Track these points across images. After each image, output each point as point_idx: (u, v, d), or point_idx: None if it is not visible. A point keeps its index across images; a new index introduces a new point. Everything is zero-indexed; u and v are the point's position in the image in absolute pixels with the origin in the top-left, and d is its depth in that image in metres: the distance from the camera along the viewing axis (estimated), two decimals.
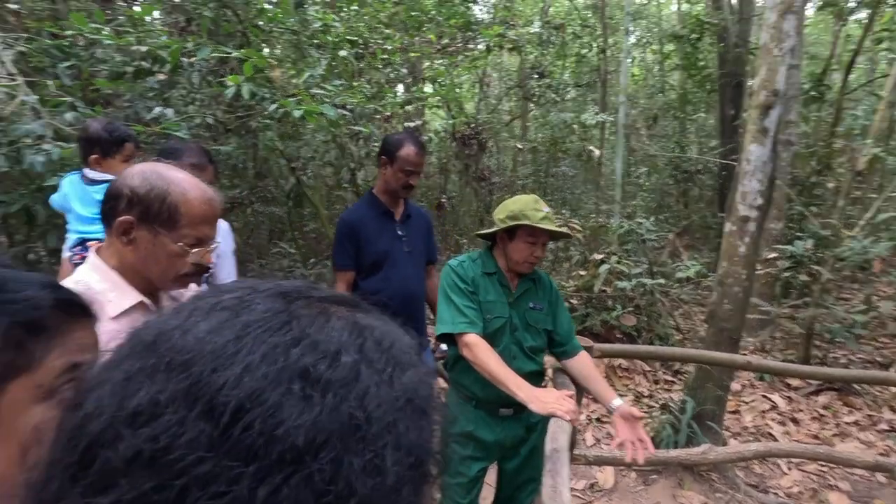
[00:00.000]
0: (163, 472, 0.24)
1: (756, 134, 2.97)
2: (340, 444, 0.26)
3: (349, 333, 0.31)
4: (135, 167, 1.06)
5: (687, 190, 9.49)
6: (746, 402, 4.17)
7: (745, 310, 3.16)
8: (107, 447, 0.25)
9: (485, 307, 1.89)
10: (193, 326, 0.29)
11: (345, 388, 0.28)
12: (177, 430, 0.25)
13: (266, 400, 0.26)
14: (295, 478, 0.24)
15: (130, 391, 0.26)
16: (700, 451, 2.37)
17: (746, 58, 8.04)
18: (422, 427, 0.31)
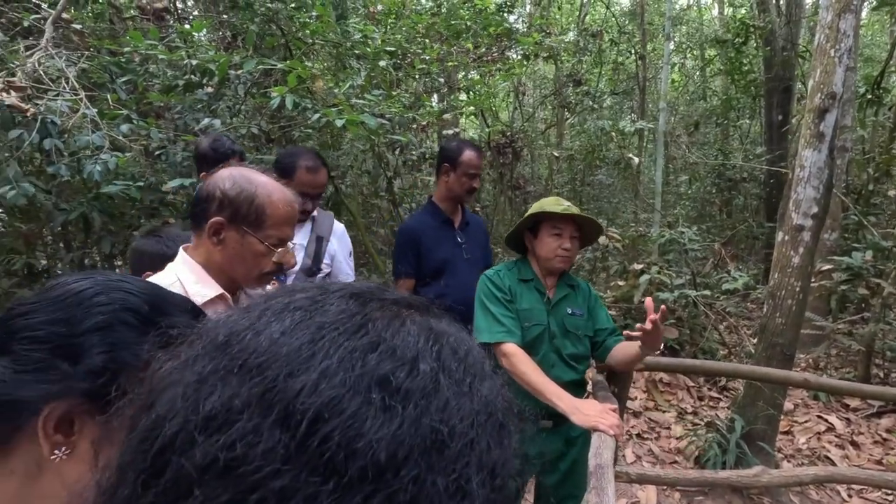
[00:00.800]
0: (238, 483, 0.22)
1: (811, 139, 2.82)
2: (423, 460, 0.24)
3: (425, 340, 0.29)
4: (223, 171, 1.12)
5: (731, 199, 9.13)
6: (800, 422, 3.93)
7: (798, 324, 2.99)
8: (180, 453, 0.24)
9: (522, 315, 1.84)
10: (266, 327, 0.28)
11: (425, 399, 0.26)
12: (252, 439, 0.23)
13: (345, 409, 0.24)
14: (377, 497, 0.23)
15: (203, 394, 0.25)
16: (753, 473, 2.23)
17: (795, 61, 7.71)
18: (503, 444, 0.29)
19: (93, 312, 0.53)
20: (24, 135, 2.26)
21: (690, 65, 12.02)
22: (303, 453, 0.23)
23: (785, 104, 8.07)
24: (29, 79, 2.54)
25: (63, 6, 2.81)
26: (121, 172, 2.60)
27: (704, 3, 14.14)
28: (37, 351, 0.50)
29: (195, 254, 1.11)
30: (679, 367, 2.75)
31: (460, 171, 2.29)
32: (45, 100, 2.39)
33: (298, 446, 0.23)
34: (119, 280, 0.57)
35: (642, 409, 3.96)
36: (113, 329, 0.53)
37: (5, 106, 2.25)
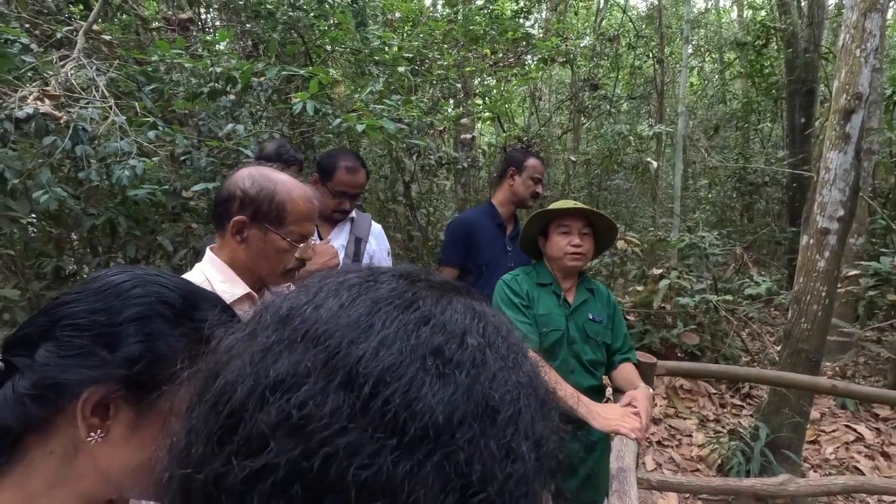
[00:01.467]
0: (308, 439, 0.24)
1: (836, 140, 2.77)
2: (477, 425, 0.25)
3: (471, 317, 0.30)
4: (242, 171, 1.14)
5: (752, 203, 8.97)
6: (827, 431, 3.82)
7: (825, 330, 2.92)
8: (253, 412, 0.25)
9: (540, 320, 1.82)
10: (324, 302, 0.29)
11: (475, 369, 0.27)
12: (319, 399, 0.25)
13: (403, 375, 0.25)
14: (436, 455, 0.24)
15: (270, 360, 0.27)
16: (778, 482, 2.17)
17: (818, 63, 7.57)
18: (546, 418, 0.30)
19: (130, 304, 0.55)
20: (58, 141, 2.34)
21: (709, 68, 11.89)
22: (366, 413, 0.24)
23: (808, 107, 7.92)
24: (62, 88, 2.63)
25: (95, 17, 2.91)
26: (147, 178, 2.67)
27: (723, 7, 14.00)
28: (78, 338, 0.53)
29: (221, 253, 1.13)
30: (701, 372, 2.70)
31: (526, 174, 2.40)
32: (77, 108, 2.48)
33: (363, 407, 0.24)
34: (156, 275, 0.60)
35: (662, 416, 3.90)
36: (149, 320, 0.55)
37: (40, 114, 2.34)
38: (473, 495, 0.24)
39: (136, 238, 3.12)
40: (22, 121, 2.30)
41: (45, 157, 2.51)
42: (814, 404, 4.17)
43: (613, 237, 2.02)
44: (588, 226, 1.85)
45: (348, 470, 0.23)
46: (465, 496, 0.24)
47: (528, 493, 0.26)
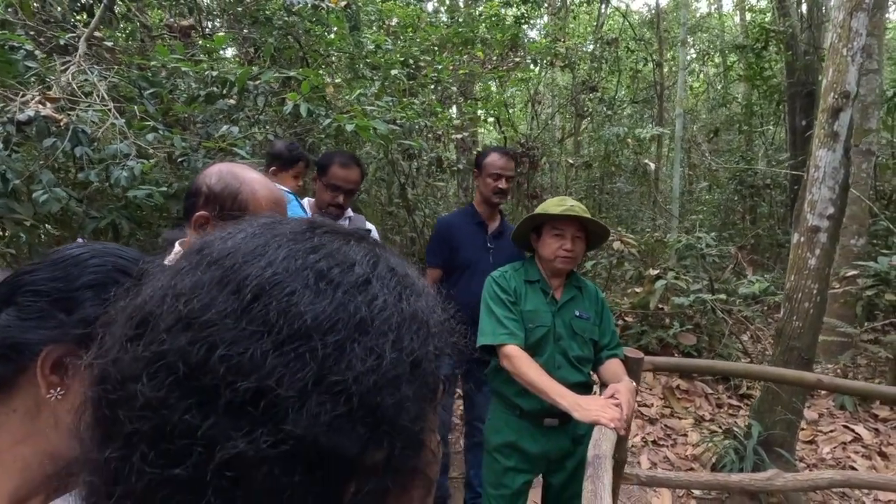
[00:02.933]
0: (197, 332, 0.28)
1: (825, 138, 2.79)
2: (345, 332, 0.29)
3: (365, 254, 0.35)
4: (213, 167, 1.17)
5: (754, 206, 8.95)
6: (824, 432, 3.80)
7: (816, 328, 2.92)
8: (156, 318, 0.30)
9: (526, 316, 1.85)
10: (232, 237, 0.34)
11: (354, 289, 0.32)
12: (209, 303, 0.29)
13: (284, 288, 0.30)
14: (303, 348, 0.28)
15: (178, 280, 0.32)
16: (766, 477, 2.17)
17: (818, 65, 7.56)
18: (425, 342, 0.33)
19: (87, 272, 0.60)
20: (58, 143, 2.41)
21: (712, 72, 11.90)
22: (247, 315, 0.29)
23: (808, 109, 7.90)
24: (63, 92, 2.71)
25: (96, 24, 2.99)
26: (146, 179, 2.73)
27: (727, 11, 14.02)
28: (38, 302, 0.57)
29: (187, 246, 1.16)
30: (687, 367, 2.71)
31: (485, 173, 2.42)
32: (77, 110, 2.55)
33: (244, 310, 0.29)
34: (114, 248, 0.64)
35: (659, 416, 3.89)
36: (105, 287, 0.59)
37: (41, 117, 2.41)
38: (328, 376, 0.28)
39: (139, 240, 3.18)
40: (24, 123, 2.37)
41: (46, 159, 2.58)
42: (812, 405, 4.15)
43: (605, 237, 2.06)
44: (581, 229, 1.88)
45: (225, 356, 0.28)
46: (321, 377, 0.28)
47: (394, 393, 0.30)
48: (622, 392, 1.73)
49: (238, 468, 0.26)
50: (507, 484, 1.91)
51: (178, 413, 0.27)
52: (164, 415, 0.27)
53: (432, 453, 0.37)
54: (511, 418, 1.90)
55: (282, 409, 0.27)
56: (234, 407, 0.27)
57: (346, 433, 0.28)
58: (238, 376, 0.27)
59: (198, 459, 0.26)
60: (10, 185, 2.27)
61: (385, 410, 0.29)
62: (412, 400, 0.31)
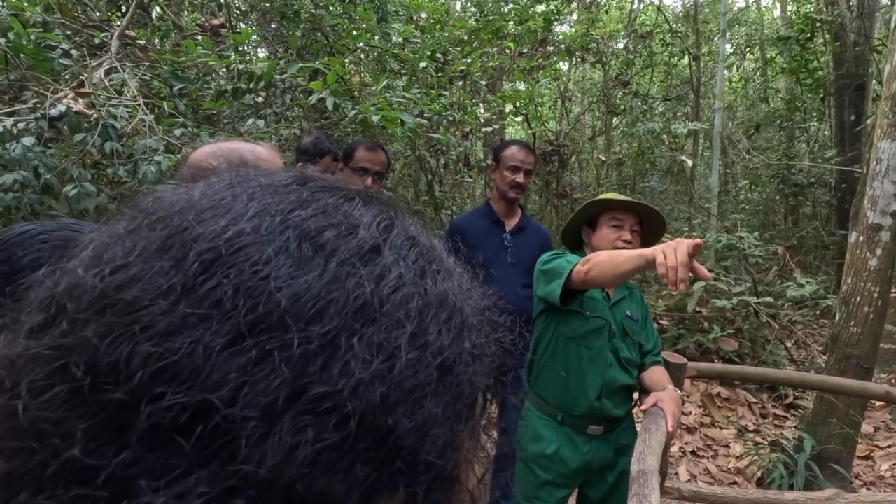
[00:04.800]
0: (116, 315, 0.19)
1: (888, 129, 2.56)
2: (338, 320, 0.20)
3: (374, 216, 0.25)
4: (198, 153, 1.11)
5: (797, 206, 8.52)
6: (881, 447, 3.53)
7: (877, 334, 2.69)
8: (70, 299, 0.21)
9: (586, 304, 1.74)
10: (193, 189, 0.25)
11: (356, 259, 0.22)
12: (137, 275, 0.20)
13: (250, 254, 0.20)
14: (272, 344, 0.19)
15: (108, 248, 0.22)
16: (825, 496, 1.99)
17: (870, 56, 7.14)
18: (459, 337, 0.23)
19: (33, 250, 0.54)
20: (88, 138, 2.42)
21: (751, 67, 11.43)
22: (192, 293, 0.20)
23: (858, 103, 7.47)
24: (96, 89, 2.74)
25: (128, 21, 3.02)
26: (173, 174, 2.73)
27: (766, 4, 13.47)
28: None
29: None
30: (735, 375, 2.53)
31: (503, 165, 2.30)
32: (107, 106, 2.56)
33: (188, 286, 0.20)
34: (70, 223, 0.58)
35: (698, 425, 3.69)
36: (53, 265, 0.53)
37: (73, 112, 2.43)
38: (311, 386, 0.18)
39: None
40: (56, 119, 2.39)
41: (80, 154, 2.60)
42: (867, 418, 3.87)
43: (660, 237, 1.92)
44: (638, 223, 1.79)
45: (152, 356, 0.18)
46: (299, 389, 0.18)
47: (414, 411, 0.20)
48: (666, 402, 1.61)
49: None
50: (544, 498, 1.79)
51: (76, 444, 0.18)
52: (55, 446, 0.18)
53: (470, 496, 0.27)
54: (551, 425, 1.78)
55: (236, 440, 0.18)
56: (159, 435, 0.17)
57: (340, 474, 0.18)
58: (169, 387, 0.18)
59: None
60: (42, 179, 2.29)
61: (400, 439, 0.20)
62: (440, 421, 0.21)
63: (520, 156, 2.28)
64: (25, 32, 2.71)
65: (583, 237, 1.88)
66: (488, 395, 0.25)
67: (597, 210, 1.81)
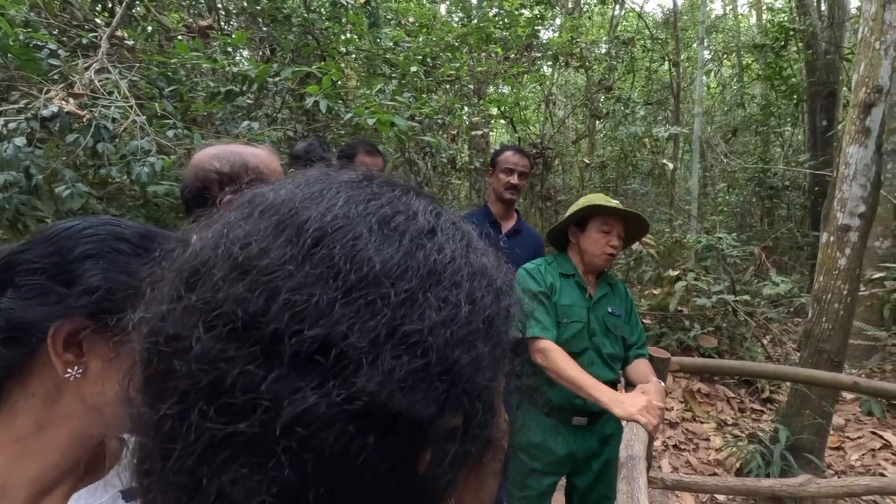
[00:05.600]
0: (255, 279, 0.25)
1: (856, 134, 2.71)
2: (416, 281, 0.26)
3: (426, 206, 0.32)
4: (198, 156, 1.12)
5: (773, 208, 8.80)
6: (852, 438, 3.69)
7: (847, 330, 2.83)
8: (210, 268, 0.27)
9: (561, 311, 1.81)
10: (283, 187, 0.31)
11: (421, 237, 0.28)
12: (267, 248, 0.26)
13: (347, 232, 0.27)
14: (373, 295, 0.25)
15: (230, 230, 0.28)
16: (798, 483, 2.11)
17: (840, 64, 7.43)
18: (497, 299, 0.30)
19: (82, 243, 0.56)
20: (80, 139, 2.42)
21: (728, 73, 11.75)
22: (309, 261, 0.26)
23: (829, 109, 7.75)
24: (86, 89, 2.73)
25: (118, 22, 3.01)
26: (166, 175, 2.74)
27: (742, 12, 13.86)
28: (35, 279, 0.54)
29: None
30: (715, 368, 2.64)
31: (499, 168, 2.41)
32: (100, 107, 2.56)
33: (306, 256, 0.26)
34: (109, 218, 0.61)
35: (679, 419, 3.81)
36: (103, 255, 0.56)
37: (64, 112, 2.42)
38: (401, 326, 0.25)
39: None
40: (47, 119, 2.39)
41: (69, 155, 2.59)
42: (838, 410, 4.04)
43: (638, 239, 2.02)
44: (624, 228, 1.86)
45: (288, 303, 0.25)
46: (394, 328, 0.25)
47: (471, 349, 0.27)
48: (651, 393, 1.68)
49: (308, 426, 0.23)
50: (532, 485, 1.86)
51: (239, 365, 0.24)
52: (224, 368, 0.24)
53: (505, 422, 0.34)
54: (538, 416, 1.85)
55: (353, 362, 0.24)
56: (300, 358, 0.24)
57: (423, 392, 0.25)
58: (303, 324, 0.24)
59: (264, 415, 0.23)
60: (34, 179, 2.28)
61: (462, 368, 0.26)
62: (487, 360, 0.28)
63: (514, 159, 2.40)
64: (13, 32, 2.69)
65: (570, 237, 1.94)
66: (517, 349, 0.32)
67: (587, 213, 1.86)
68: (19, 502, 0.54)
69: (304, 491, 0.23)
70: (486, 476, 0.32)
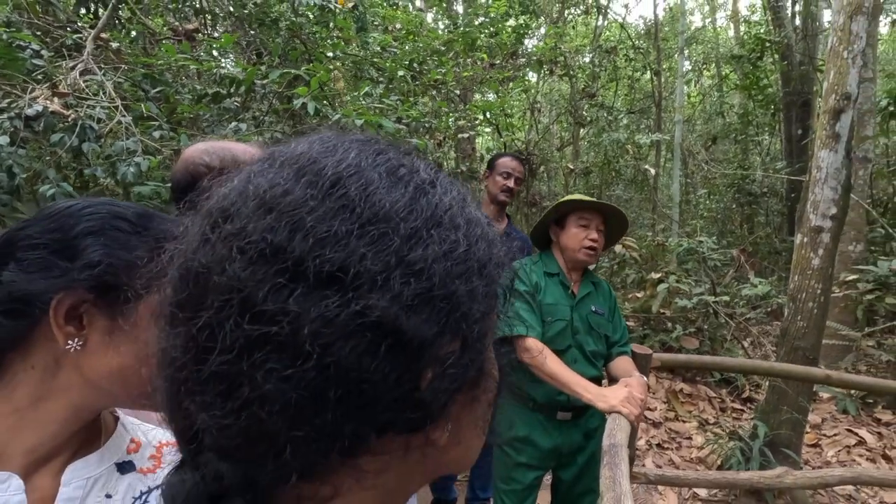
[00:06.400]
0: (280, 214, 0.29)
1: (826, 140, 2.82)
2: (421, 220, 0.30)
3: (426, 164, 0.36)
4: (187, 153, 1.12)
5: (752, 213, 9.02)
6: (828, 435, 3.80)
7: (821, 328, 2.93)
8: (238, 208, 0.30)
9: (545, 309, 1.85)
10: (299, 143, 0.35)
11: (425, 185, 0.32)
12: (289, 189, 0.30)
13: (361, 177, 0.31)
14: (384, 228, 0.29)
15: (254, 177, 0.32)
16: (775, 475, 2.17)
17: (814, 75, 7.68)
18: (490, 247, 0.33)
19: (83, 220, 0.58)
20: (65, 139, 2.40)
21: (707, 83, 12.05)
22: (328, 199, 0.29)
23: (804, 118, 8.00)
24: (71, 89, 2.71)
25: (104, 23, 3.01)
26: (152, 176, 2.73)
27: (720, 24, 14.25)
28: (38, 254, 0.56)
29: None
30: (695, 364, 2.71)
31: (496, 172, 2.51)
32: (85, 107, 2.55)
33: (325, 195, 0.29)
34: (107, 199, 0.63)
35: (662, 419, 3.88)
36: (104, 232, 0.58)
37: (49, 112, 2.41)
38: (409, 255, 0.29)
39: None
40: (31, 118, 2.37)
41: (52, 155, 2.57)
42: (815, 409, 4.15)
43: (620, 237, 2.07)
44: (603, 222, 1.91)
45: (310, 231, 0.28)
46: (402, 256, 0.28)
47: (468, 282, 0.30)
48: (633, 386, 1.72)
49: (329, 332, 0.26)
50: (518, 479, 1.89)
51: (269, 283, 0.27)
52: (255, 286, 0.27)
53: (493, 359, 0.37)
54: (524, 411, 1.89)
55: (368, 282, 0.27)
56: (322, 277, 0.27)
57: (426, 314, 0.28)
58: (324, 250, 0.27)
59: (292, 321, 0.26)
60: (16, 179, 2.26)
61: (460, 297, 0.30)
62: (481, 294, 0.31)
63: (512, 164, 2.50)
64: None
65: (551, 236, 1.99)
66: (506, 294, 0.36)
67: (565, 210, 1.92)
68: (16, 472, 0.55)
69: (326, 390, 0.27)
70: (480, 401, 0.35)
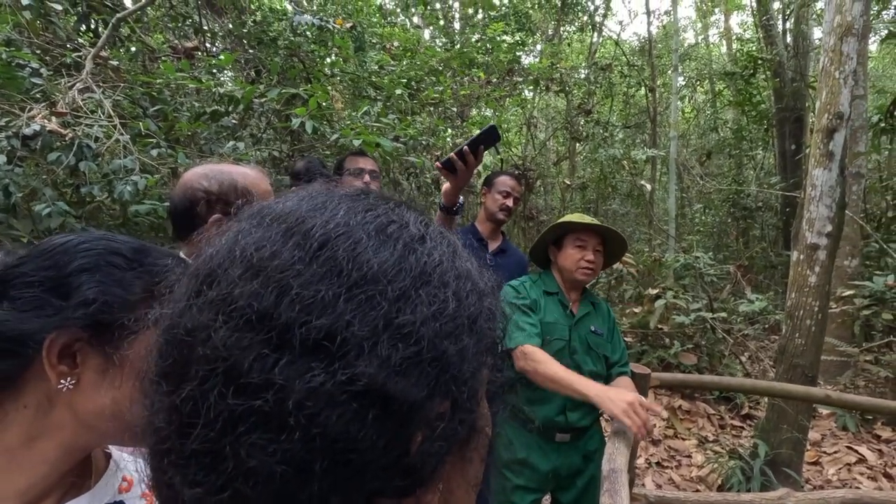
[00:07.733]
0: (267, 277, 0.28)
1: (821, 158, 2.85)
2: (409, 280, 0.30)
3: (416, 217, 0.35)
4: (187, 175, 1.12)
5: (747, 228, 9.07)
6: (828, 453, 3.77)
7: (819, 345, 2.93)
8: (225, 270, 0.30)
9: (545, 328, 1.83)
10: (287, 199, 0.35)
11: (413, 243, 0.32)
12: (277, 251, 0.29)
13: (349, 237, 0.30)
14: (372, 291, 0.28)
15: (242, 237, 0.32)
16: (777, 496, 2.14)
17: (806, 92, 7.79)
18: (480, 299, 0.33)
19: (78, 257, 0.57)
20: (62, 157, 2.40)
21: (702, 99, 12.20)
22: (315, 262, 0.29)
23: (797, 134, 8.10)
24: (69, 108, 2.72)
25: (103, 42, 3.03)
26: (149, 195, 2.73)
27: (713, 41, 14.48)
28: (31, 292, 0.55)
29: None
30: (693, 383, 2.69)
31: (495, 189, 2.49)
32: (83, 125, 2.55)
33: (312, 257, 0.29)
34: (103, 234, 0.63)
35: (661, 437, 3.85)
36: (99, 269, 0.58)
37: (47, 131, 2.41)
38: (396, 318, 0.28)
39: None
40: (29, 138, 2.37)
41: (49, 174, 2.57)
42: (815, 426, 4.12)
43: (620, 256, 2.07)
44: (601, 243, 1.90)
45: (297, 297, 0.27)
46: (390, 320, 0.28)
47: (457, 342, 0.30)
48: None
49: (316, 403, 0.26)
50: (516, 502, 1.86)
51: (255, 351, 0.27)
52: (241, 354, 0.27)
53: (486, 414, 0.37)
54: (521, 433, 1.86)
55: (355, 348, 0.27)
56: (308, 345, 0.27)
57: (415, 377, 0.28)
58: (311, 315, 0.27)
59: (277, 393, 0.26)
60: (13, 197, 2.25)
61: (450, 358, 0.29)
62: (471, 353, 0.31)
63: (510, 183, 2.49)
64: None
65: (549, 256, 1.99)
66: (498, 343, 0.36)
67: (562, 231, 1.91)
68: None
69: (312, 462, 0.26)
70: (471, 460, 0.35)
